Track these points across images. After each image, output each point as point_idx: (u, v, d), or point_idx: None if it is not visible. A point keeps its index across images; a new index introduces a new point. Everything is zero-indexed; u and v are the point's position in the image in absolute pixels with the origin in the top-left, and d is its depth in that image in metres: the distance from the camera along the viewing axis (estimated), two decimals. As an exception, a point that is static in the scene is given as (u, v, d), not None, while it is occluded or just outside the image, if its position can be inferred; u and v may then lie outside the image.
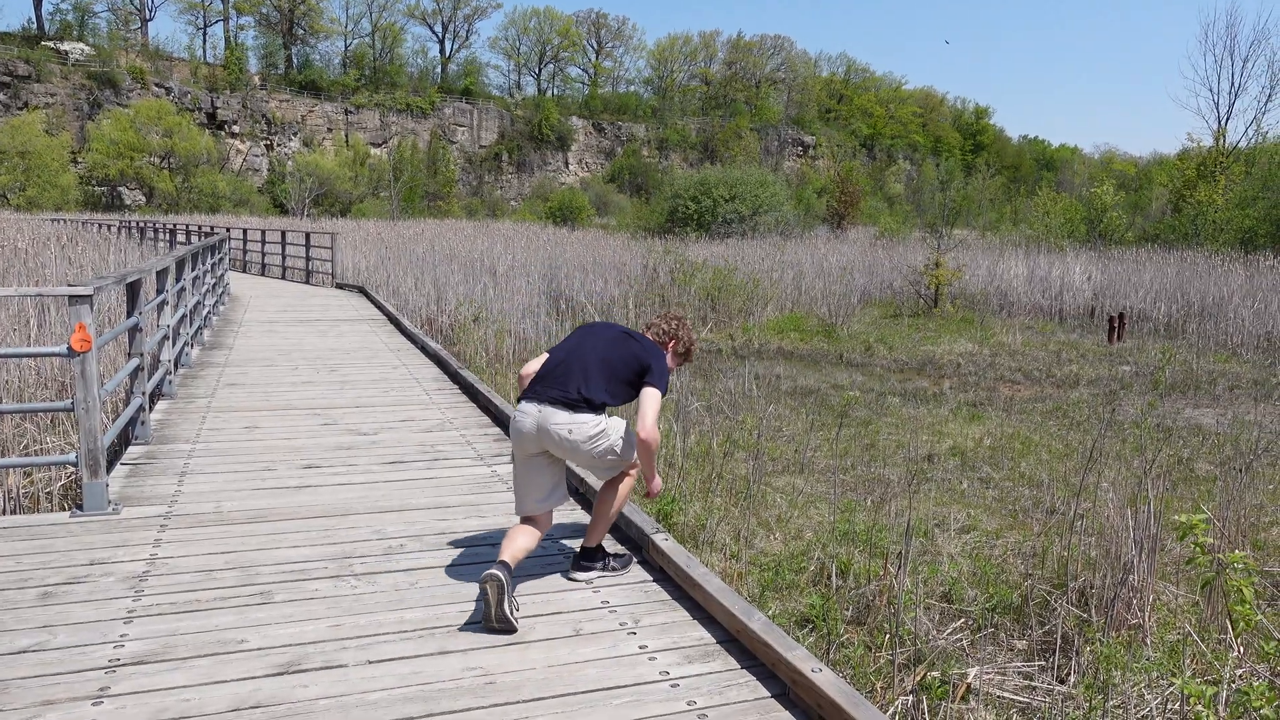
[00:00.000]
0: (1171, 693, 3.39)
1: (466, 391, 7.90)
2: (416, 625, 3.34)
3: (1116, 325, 15.61)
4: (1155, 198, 45.15)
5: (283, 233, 23.24)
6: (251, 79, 73.55)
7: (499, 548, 3.54)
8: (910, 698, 3.49)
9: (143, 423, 5.97)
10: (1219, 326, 16.22)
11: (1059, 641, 3.97)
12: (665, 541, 3.95)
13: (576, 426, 3.51)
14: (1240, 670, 3.50)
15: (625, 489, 3.85)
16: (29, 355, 5.26)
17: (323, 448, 5.90)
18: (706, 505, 5.65)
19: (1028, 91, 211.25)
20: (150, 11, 75.26)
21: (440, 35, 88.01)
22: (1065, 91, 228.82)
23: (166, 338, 7.26)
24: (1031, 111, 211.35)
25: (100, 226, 28.40)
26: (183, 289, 8.70)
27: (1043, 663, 3.95)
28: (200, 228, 27.03)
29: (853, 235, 43.08)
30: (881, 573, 4.43)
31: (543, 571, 3.89)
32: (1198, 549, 3.24)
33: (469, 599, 3.56)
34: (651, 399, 3.56)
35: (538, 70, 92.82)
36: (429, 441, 6.16)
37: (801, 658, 2.90)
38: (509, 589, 3.26)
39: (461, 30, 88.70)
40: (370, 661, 3.06)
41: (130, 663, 3.00)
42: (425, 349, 10.22)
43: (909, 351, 14.19)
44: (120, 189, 58.95)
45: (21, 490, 5.56)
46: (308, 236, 21.60)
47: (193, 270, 9.41)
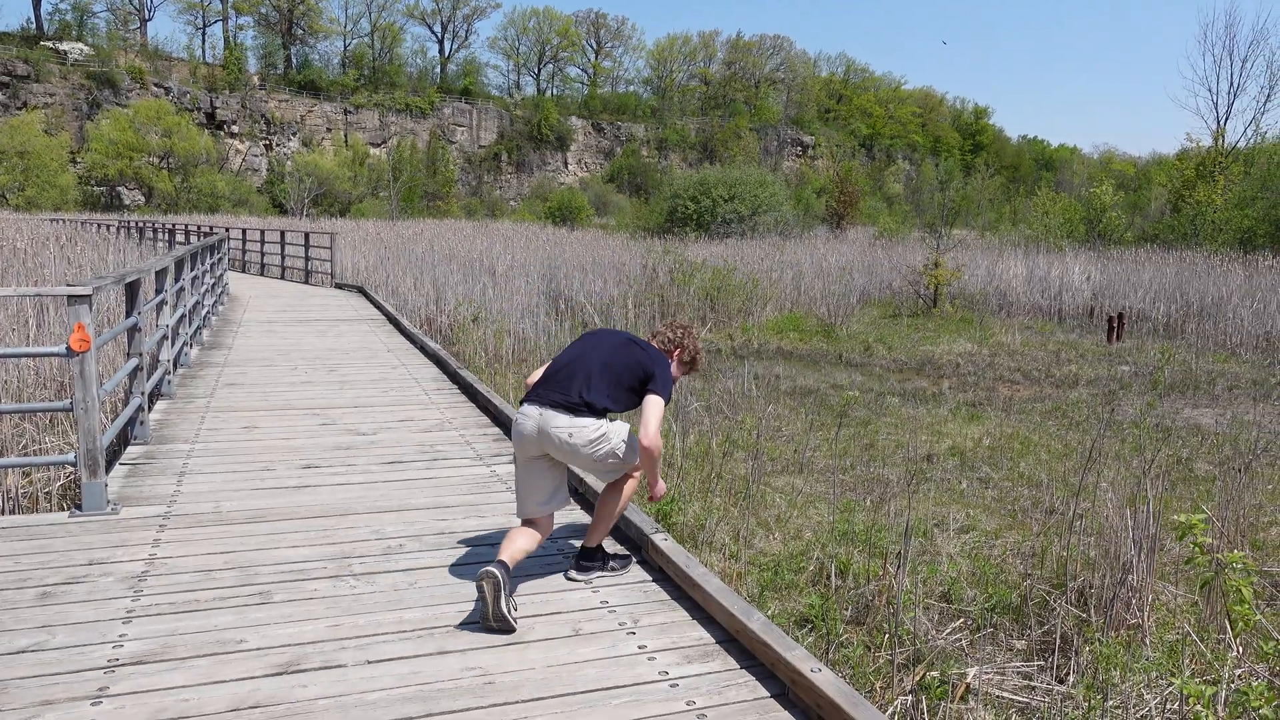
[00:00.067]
0: (1170, 693, 3.39)
1: (465, 391, 7.90)
2: (415, 625, 3.34)
3: (1115, 325, 15.62)
4: (1154, 198, 45.20)
5: (282, 233, 23.23)
6: (250, 79, 73.53)
7: (498, 548, 3.54)
8: (909, 698, 3.49)
9: (142, 423, 5.97)
10: (1218, 326, 16.23)
11: (1058, 641, 3.97)
12: (664, 541, 3.95)
13: (577, 430, 3.52)
14: (1239, 670, 3.50)
15: (628, 491, 3.85)
16: (28, 355, 5.26)
17: (322, 448, 5.90)
18: (706, 505, 5.65)
19: (1027, 91, 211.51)
20: (149, 11, 75.31)
21: (439, 35, 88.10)
22: (1064, 91, 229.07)
23: (165, 338, 7.26)
24: (1031, 111, 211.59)
25: (99, 226, 28.39)
26: (182, 289, 8.70)
27: (1042, 663, 3.95)
28: (199, 228, 27.00)
29: (852, 235, 43.13)
30: (881, 573, 4.43)
31: (542, 572, 3.89)
32: (1196, 549, 3.24)
33: (468, 599, 3.56)
34: (654, 406, 3.57)
35: (537, 70, 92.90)
36: (428, 441, 6.16)
37: (801, 658, 2.90)
38: (506, 587, 3.25)
39: (461, 30, 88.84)
40: (369, 661, 3.06)
41: (129, 663, 3.00)
42: (424, 349, 10.22)
43: (908, 351, 14.19)
44: (119, 189, 58.95)
45: (20, 490, 5.56)
46: (307, 236, 21.59)
47: (191, 270, 9.40)
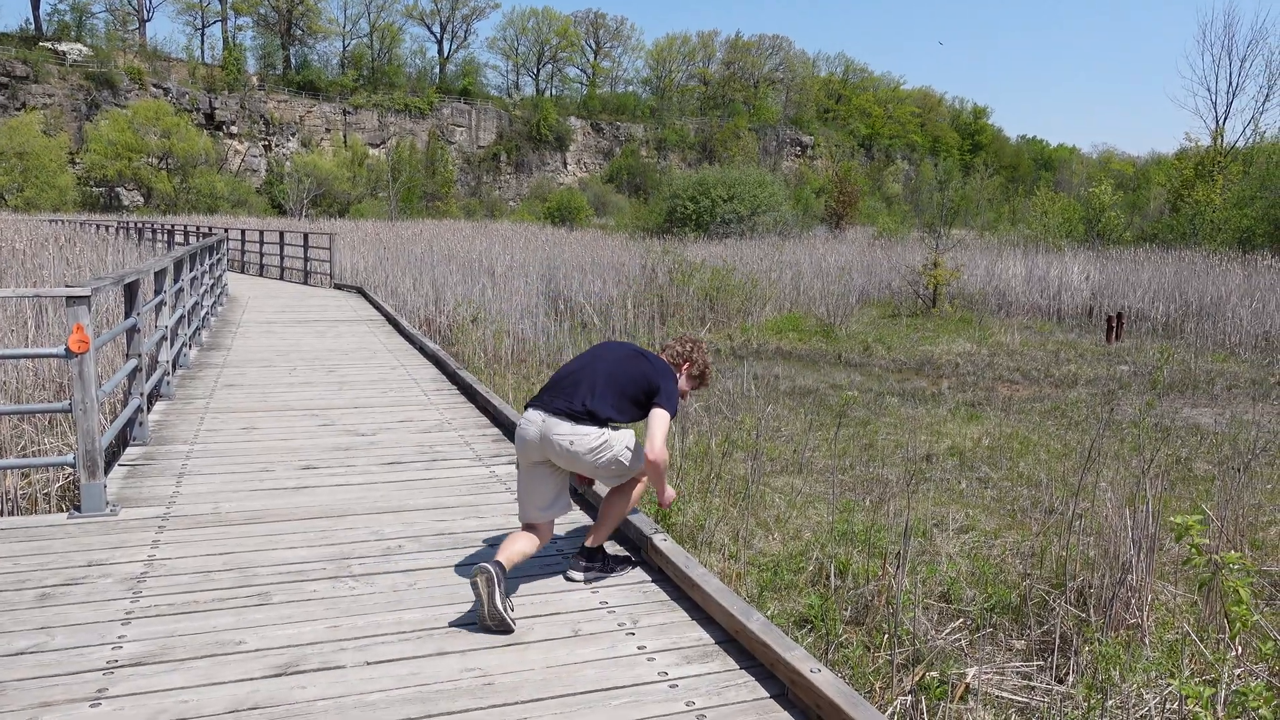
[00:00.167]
0: (1170, 692, 3.39)
1: (465, 392, 7.90)
2: (415, 626, 3.34)
3: (1114, 325, 15.62)
4: (1153, 197, 45.22)
5: (281, 233, 23.21)
6: (249, 79, 73.50)
7: (497, 549, 3.55)
8: (909, 698, 3.49)
9: (141, 424, 5.97)
10: (1217, 326, 16.24)
11: (1057, 641, 3.97)
12: (664, 542, 3.95)
13: (578, 438, 3.55)
14: (1239, 670, 3.50)
15: (634, 495, 3.88)
16: (27, 356, 5.25)
17: (321, 449, 5.89)
18: (705, 505, 5.65)
19: (1026, 91, 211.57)
20: (148, 12, 75.27)
21: (438, 35, 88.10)
22: (1063, 91, 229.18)
23: (164, 338, 7.26)
24: (1029, 111, 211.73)
25: (98, 227, 28.39)
26: (181, 290, 8.69)
27: (1041, 663, 3.96)
28: (198, 228, 27.00)
29: (851, 235, 43.13)
30: (880, 573, 4.43)
31: (541, 572, 3.89)
32: (1194, 550, 3.25)
33: (467, 600, 3.56)
34: (660, 420, 3.59)
35: (536, 70, 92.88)
36: (427, 442, 6.16)
37: (800, 658, 2.90)
38: (501, 586, 3.25)
39: (460, 30, 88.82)
40: (368, 663, 3.06)
41: (128, 664, 2.99)
42: (423, 349, 10.21)
43: (907, 351, 14.19)
44: (118, 189, 58.93)
45: (19, 491, 5.56)
46: (306, 237, 21.57)
47: (190, 271, 9.40)
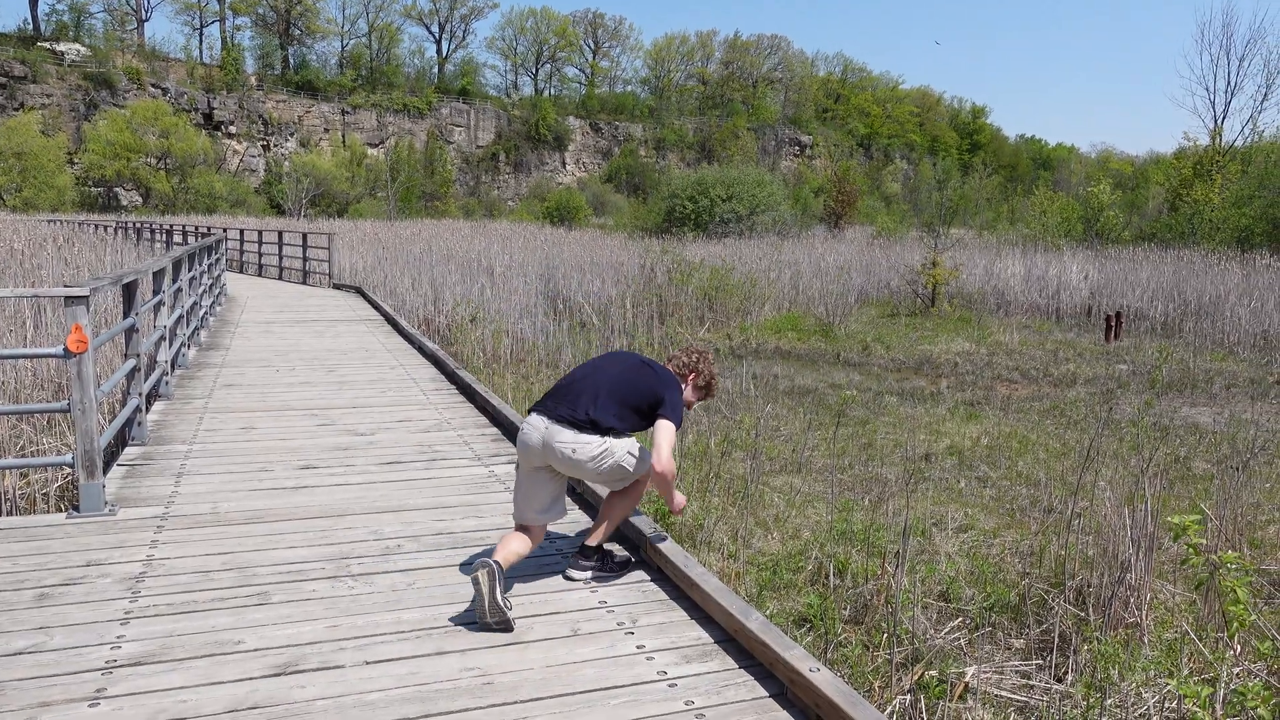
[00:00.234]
0: (1169, 691, 3.40)
1: (464, 392, 7.90)
2: (414, 626, 3.34)
3: (1113, 324, 15.62)
4: (1152, 197, 45.26)
5: (279, 233, 23.18)
6: (248, 79, 73.46)
7: (494, 549, 3.56)
8: (908, 697, 3.50)
9: (139, 424, 5.97)
10: (1215, 325, 16.25)
11: (1056, 640, 3.97)
12: (663, 541, 3.95)
13: (580, 446, 3.57)
14: (1237, 669, 3.50)
15: (635, 495, 3.90)
16: (25, 356, 5.25)
17: (320, 448, 5.89)
18: (704, 505, 5.65)
19: (1024, 91, 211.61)
20: (146, 12, 75.22)
21: (437, 35, 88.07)
22: (1062, 91, 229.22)
23: (163, 338, 7.25)
24: (1028, 111, 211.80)
25: (96, 227, 28.35)
26: (179, 290, 8.68)
27: (1040, 661, 3.96)
28: (197, 228, 26.99)
29: (850, 235, 43.15)
30: (879, 572, 4.43)
31: (540, 572, 3.89)
32: (1191, 550, 3.25)
33: (466, 599, 3.56)
34: (665, 431, 3.60)
35: (535, 70, 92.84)
36: (426, 442, 6.16)
37: (799, 657, 2.90)
38: (501, 582, 3.27)
39: (458, 30, 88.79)
40: (368, 662, 3.05)
41: (127, 664, 2.99)
42: (422, 349, 10.21)
43: (906, 351, 14.20)
44: (117, 190, 58.89)
45: (18, 491, 5.56)
46: (304, 237, 21.56)
47: (189, 271, 9.40)
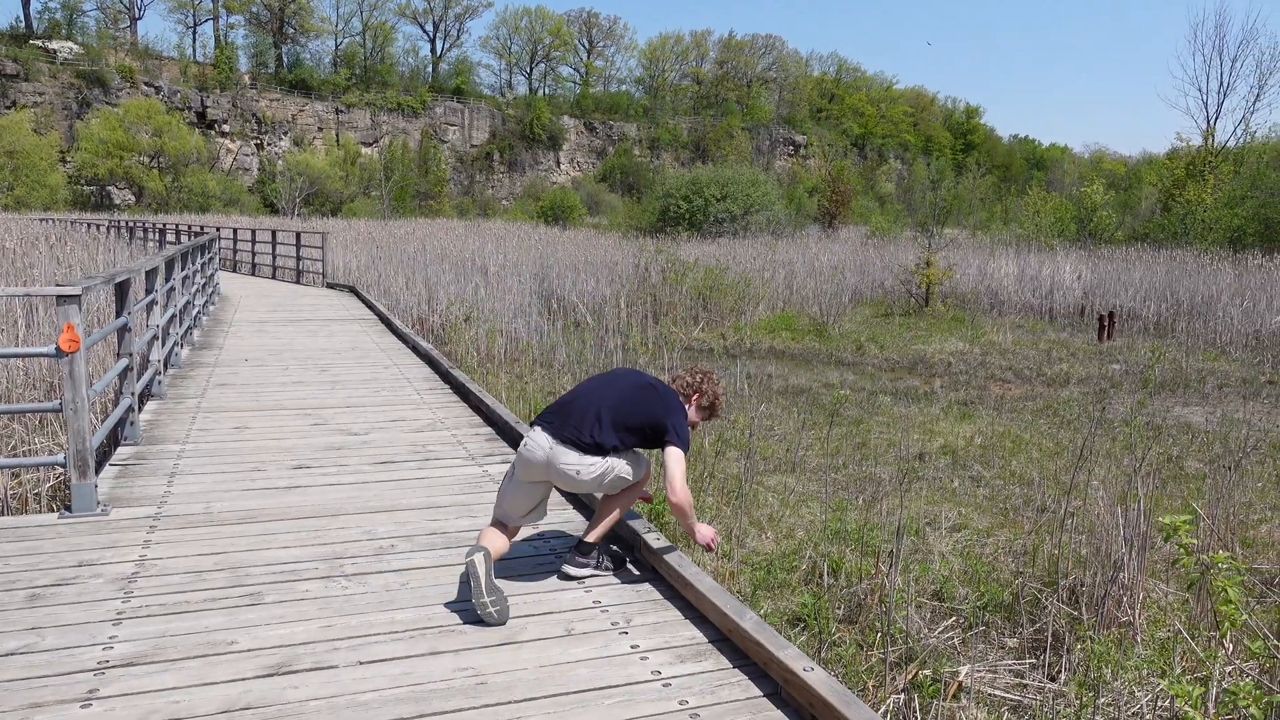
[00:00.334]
0: (1161, 690, 3.41)
1: (458, 391, 7.89)
2: (408, 626, 3.33)
3: (1106, 324, 15.67)
4: (1145, 197, 45.40)
5: (273, 232, 23.15)
6: (241, 78, 73.25)
7: (480, 539, 3.64)
8: (902, 696, 3.50)
9: (132, 423, 5.94)
10: (1208, 325, 16.31)
11: (1050, 639, 3.98)
12: (657, 541, 3.95)
13: (584, 468, 3.66)
14: (1229, 668, 3.51)
15: (632, 494, 3.91)
16: (17, 355, 5.23)
17: (313, 448, 5.88)
18: (698, 505, 5.65)
19: (1018, 91, 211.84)
20: (139, 10, 74.95)
21: (431, 34, 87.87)
22: (1055, 91, 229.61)
23: (156, 338, 7.23)
24: (1022, 111, 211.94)
25: (89, 226, 28.21)
26: (172, 289, 8.65)
27: (1034, 660, 3.96)
28: (190, 227, 26.89)
29: (844, 234, 43.19)
30: (873, 571, 4.44)
31: (534, 572, 3.89)
32: (1182, 550, 3.25)
33: (461, 599, 3.55)
34: (675, 461, 3.65)
35: (529, 69, 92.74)
36: (420, 441, 6.15)
37: (793, 657, 2.90)
38: (492, 570, 3.38)
39: (453, 29, 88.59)
40: (361, 662, 3.05)
41: (119, 665, 2.98)
42: (416, 349, 10.19)
43: (900, 350, 14.22)
44: (109, 188, 58.66)
45: (9, 491, 5.53)
46: (298, 236, 21.50)
47: (182, 270, 9.37)
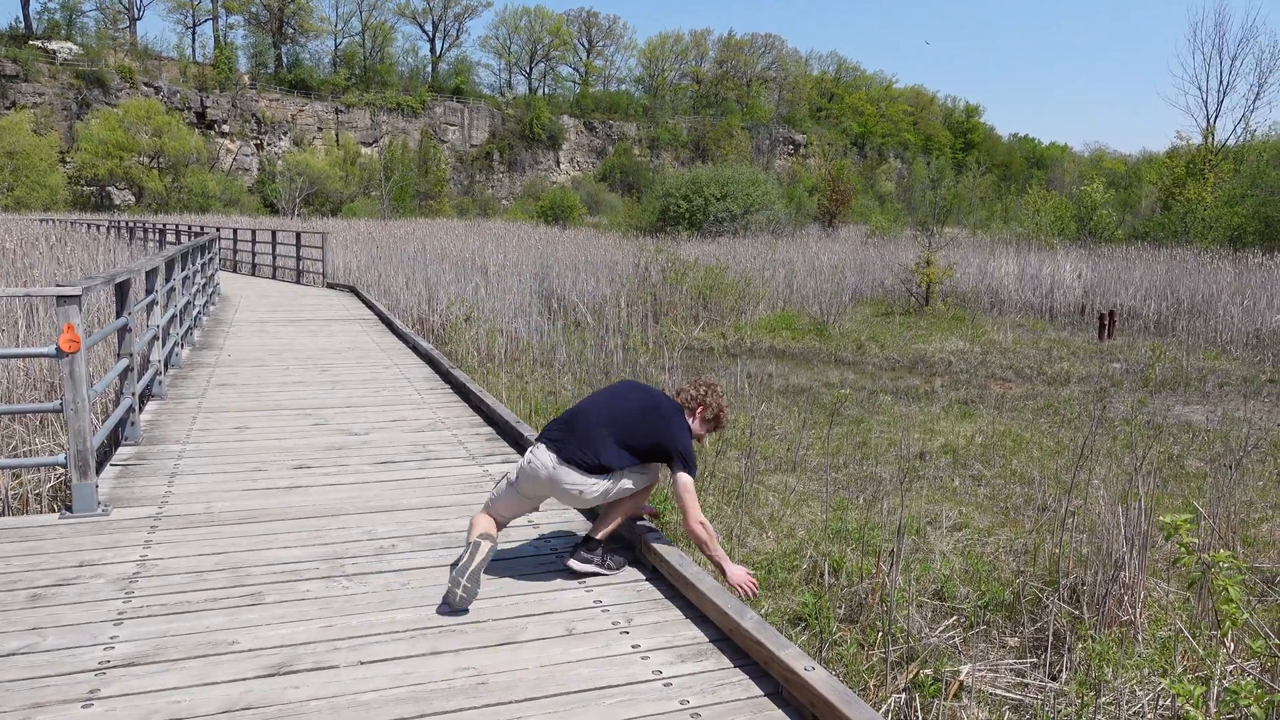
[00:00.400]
0: (1162, 689, 3.41)
1: (458, 391, 7.89)
2: (408, 625, 3.33)
3: (1107, 323, 15.66)
4: (1145, 196, 45.39)
5: (273, 232, 23.16)
6: (241, 78, 73.23)
7: (476, 528, 3.69)
8: (903, 695, 3.50)
9: (132, 423, 5.94)
10: (1208, 323, 16.30)
11: (1051, 639, 3.98)
12: (658, 541, 3.95)
13: (588, 488, 3.73)
14: (1230, 667, 3.51)
15: (641, 496, 3.96)
16: (17, 356, 5.23)
17: (314, 448, 5.88)
18: (700, 504, 5.63)
19: (1018, 90, 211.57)
20: (138, 10, 74.95)
21: (431, 34, 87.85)
22: (1055, 90, 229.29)
23: (156, 338, 7.23)
24: (1022, 110, 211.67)
25: (89, 226, 28.21)
26: (172, 289, 8.65)
27: (1035, 660, 3.96)
28: (190, 227, 26.89)
29: (844, 234, 43.19)
30: (874, 571, 4.44)
31: (535, 571, 3.89)
32: (1183, 549, 3.25)
33: (461, 599, 3.56)
34: (687, 490, 3.72)
35: (529, 69, 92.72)
36: (420, 441, 6.15)
37: (794, 656, 2.90)
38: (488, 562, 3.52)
39: (452, 29, 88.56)
40: (362, 662, 3.05)
41: (120, 665, 2.98)
42: (416, 348, 10.19)
43: (900, 349, 14.22)
44: (109, 189, 58.66)
45: (10, 492, 5.53)
46: (298, 236, 21.51)
47: (182, 270, 9.37)
